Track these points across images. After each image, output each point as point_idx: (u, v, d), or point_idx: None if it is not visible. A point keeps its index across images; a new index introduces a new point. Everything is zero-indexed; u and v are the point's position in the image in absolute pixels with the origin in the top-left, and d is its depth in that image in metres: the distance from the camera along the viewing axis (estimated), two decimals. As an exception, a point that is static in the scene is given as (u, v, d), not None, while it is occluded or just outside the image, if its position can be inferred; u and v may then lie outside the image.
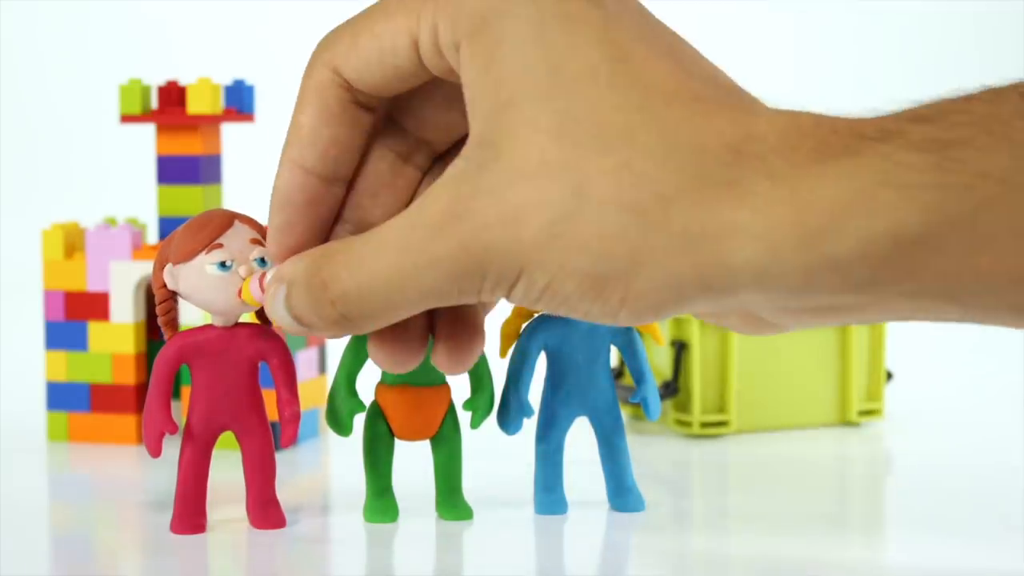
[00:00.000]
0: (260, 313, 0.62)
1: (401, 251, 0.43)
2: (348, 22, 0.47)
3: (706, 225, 0.41)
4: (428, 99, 0.48)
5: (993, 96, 0.41)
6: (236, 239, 0.60)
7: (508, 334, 0.65)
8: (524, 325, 0.65)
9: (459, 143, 0.48)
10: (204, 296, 0.60)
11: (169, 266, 0.60)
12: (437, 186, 0.44)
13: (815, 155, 0.41)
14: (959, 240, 0.40)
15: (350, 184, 0.49)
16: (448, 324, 0.48)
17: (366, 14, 0.46)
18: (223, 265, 0.59)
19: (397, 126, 0.49)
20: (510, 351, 0.65)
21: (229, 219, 0.60)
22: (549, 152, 0.42)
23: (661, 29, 0.44)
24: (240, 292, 0.59)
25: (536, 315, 0.65)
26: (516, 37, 0.43)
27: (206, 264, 0.59)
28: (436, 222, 0.43)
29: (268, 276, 0.50)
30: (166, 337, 0.62)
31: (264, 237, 0.61)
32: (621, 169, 0.41)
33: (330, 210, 0.48)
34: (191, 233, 0.60)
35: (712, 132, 0.41)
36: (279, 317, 0.47)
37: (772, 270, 0.41)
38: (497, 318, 0.66)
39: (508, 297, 0.43)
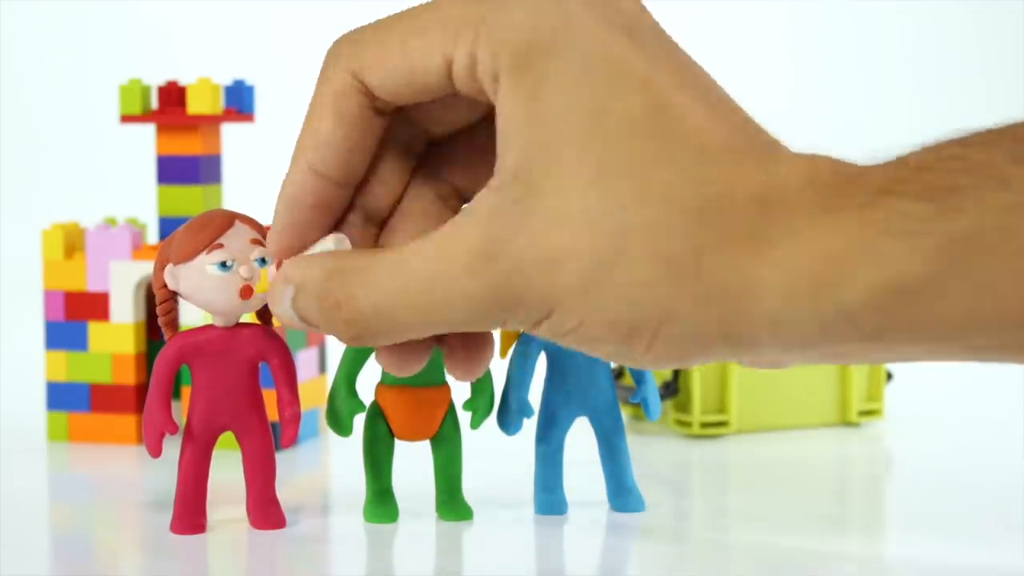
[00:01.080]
0: (261, 313, 0.62)
1: (430, 281, 0.44)
2: (373, 29, 0.46)
3: (731, 280, 0.42)
4: (442, 102, 0.48)
5: (988, 140, 0.42)
6: (237, 239, 0.60)
7: (508, 334, 0.65)
8: (524, 325, 0.65)
9: (459, 131, 0.49)
10: (205, 296, 0.60)
11: (170, 266, 0.60)
12: (469, 218, 0.44)
13: (831, 205, 0.42)
14: (961, 286, 0.41)
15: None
16: (459, 334, 0.48)
17: (395, 25, 0.46)
18: (224, 265, 0.59)
19: (403, 114, 0.48)
20: (510, 351, 0.65)
21: (230, 219, 0.60)
22: (588, 200, 0.42)
23: (696, 72, 0.45)
24: (242, 290, 0.59)
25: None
26: (560, 76, 0.43)
27: (207, 264, 0.60)
28: (469, 260, 0.43)
29: (271, 274, 0.50)
30: (166, 337, 0.62)
31: (265, 237, 0.61)
32: (658, 222, 0.42)
33: (337, 212, 0.48)
34: (192, 233, 0.60)
35: (740, 184, 0.43)
36: (285, 316, 0.47)
37: (789, 323, 0.42)
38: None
39: (532, 331, 0.44)
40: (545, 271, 0.42)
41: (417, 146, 0.49)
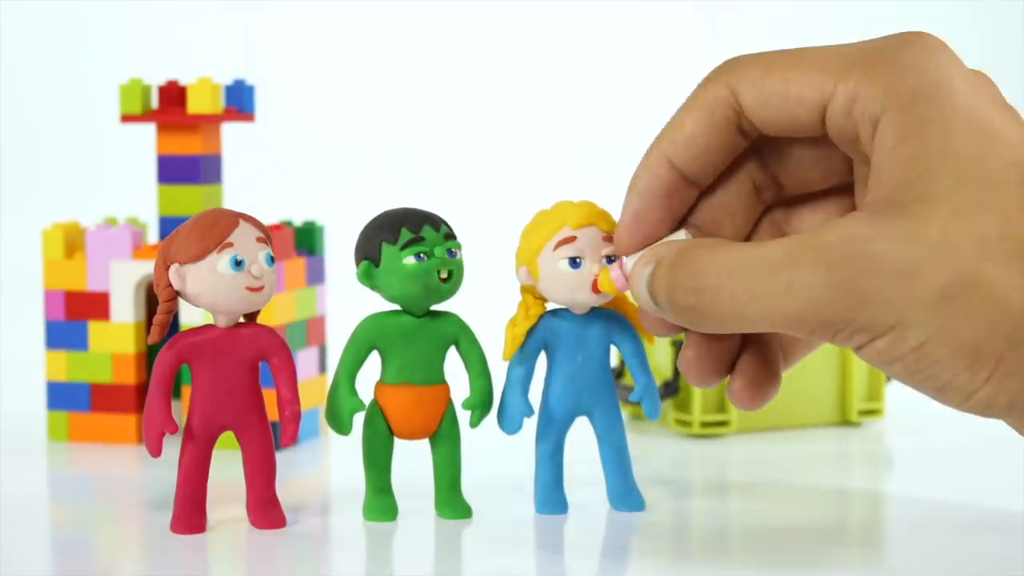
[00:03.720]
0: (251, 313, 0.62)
1: (779, 266, 0.45)
2: (761, 55, 0.49)
3: None
4: (803, 150, 0.50)
5: None
6: (245, 238, 0.60)
7: (514, 336, 0.65)
8: (525, 325, 0.65)
9: (809, 196, 0.51)
10: (215, 296, 0.60)
11: (175, 266, 0.60)
12: (832, 223, 0.46)
13: None
14: None
15: (702, 193, 0.51)
16: (752, 364, 0.50)
17: (781, 55, 0.48)
18: (238, 264, 0.59)
19: (760, 158, 0.51)
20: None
21: (235, 218, 0.61)
22: (952, 227, 0.44)
23: None
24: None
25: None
26: (945, 120, 0.46)
27: (219, 263, 0.60)
28: (826, 252, 0.45)
29: (627, 263, 0.52)
30: (150, 339, 0.61)
31: (267, 237, 0.61)
32: (1017, 255, 0.44)
33: (682, 206, 0.51)
34: (199, 233, 0.60)
35: None
36: (638, 292, 0.49)
37: None
38: (501, 318, 0.66)
39: (860, 350, 0.45)
40: (901, 278, 0.44)
41: (768, 195, 0.51)
